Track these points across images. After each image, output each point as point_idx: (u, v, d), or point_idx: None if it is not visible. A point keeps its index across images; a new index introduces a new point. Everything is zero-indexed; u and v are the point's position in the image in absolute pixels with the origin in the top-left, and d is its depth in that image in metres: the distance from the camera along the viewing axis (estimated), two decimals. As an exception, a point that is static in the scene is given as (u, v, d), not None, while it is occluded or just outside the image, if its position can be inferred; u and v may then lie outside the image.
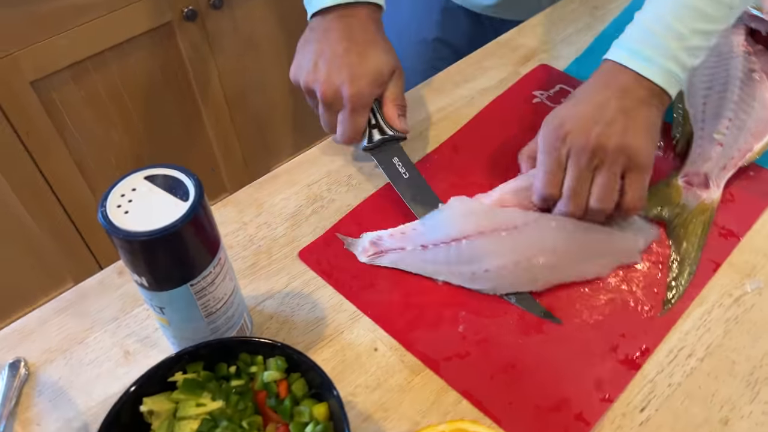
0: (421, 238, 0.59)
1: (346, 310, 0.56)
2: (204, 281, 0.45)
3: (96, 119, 1.30)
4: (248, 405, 0.44)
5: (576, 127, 0.56)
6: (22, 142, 1.21)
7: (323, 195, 0.65)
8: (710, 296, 0.55)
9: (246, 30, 1.42)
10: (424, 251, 0.58)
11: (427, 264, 0.58)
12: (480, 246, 0.57)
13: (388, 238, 0.59)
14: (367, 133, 0.64)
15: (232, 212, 0.64)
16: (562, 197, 0.57)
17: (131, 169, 0.43)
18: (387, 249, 0.58)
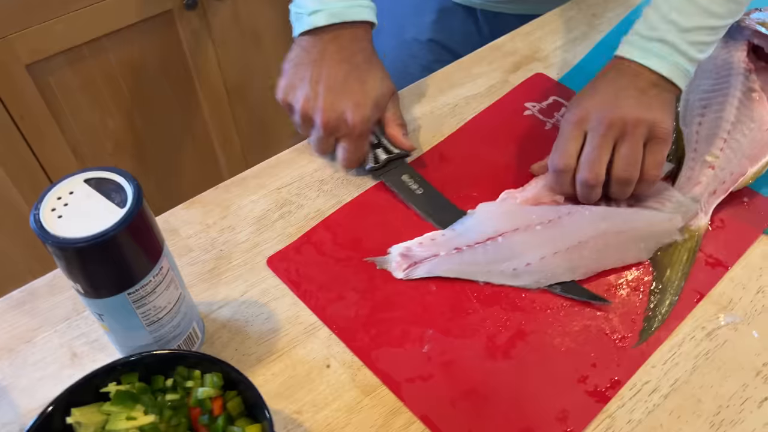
0: (454, 242, 0.57)
1: (303, 323, 0.54)
2: (143, 290, 0.43)
3: (92, 105, 1.29)
4: (182, 421, 0.42)
5: (596, 108, 0.58)
6: (16, 125, 1.21)
7: (292, 200, 0.63)
8: (682, 328, 0.53)
9: (247, 21, 1.40)
10: (460, 254, 0.57)
11: (465, 266, 0.56)
12: (518, 241, 0.57)
13: (417, 247, 0.57)
14: (372, 155, 0.64)
15: (197, 213, 0.62)
16: (580, 166, 0.57)
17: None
18: (420, 258, 0.57)
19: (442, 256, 0.57)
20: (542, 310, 0.54)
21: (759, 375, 0.50)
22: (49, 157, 1.29)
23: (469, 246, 0.57)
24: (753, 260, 0.57)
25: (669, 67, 0.58)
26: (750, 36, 0.72)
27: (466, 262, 0.56)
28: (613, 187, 0.58)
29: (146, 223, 0.42)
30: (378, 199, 0.63)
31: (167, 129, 1.43)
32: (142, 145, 1.42)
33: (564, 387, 0.49)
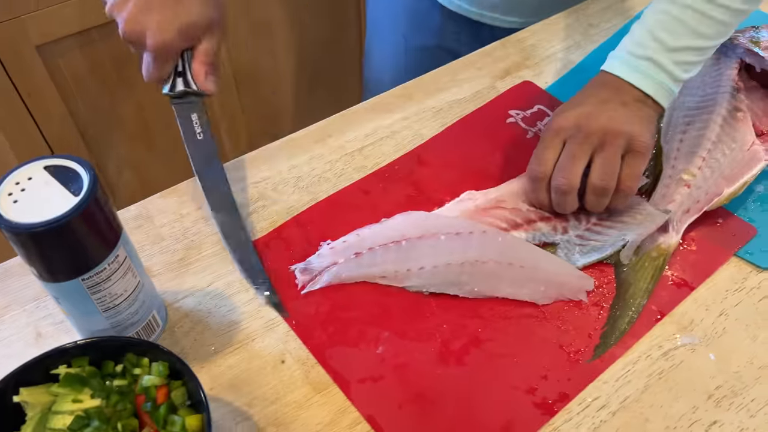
0: (355, 247, 0.58)
1: (263, 317, 0.55)
2: (98, 276, 0.44)
3: (101, 89, 1.31)
4: (127, 406, 0.43)
5: (576, 118, 0.58)
6: (26, 105, 1.23)
7: (267, 194, 0.64)
8: (639, 345, 0.53)
9: (258, 12, 1.41)
10: (358, 258, 0.57)
11: (363, 268, 0.57)
12: (419, 246, 0.57)
13: (316, 259, 0.58)
14: (171, 81, 0.61)
15: (172, 203, 0.63)
16: (555, 172, 0.57)
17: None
18: (319, 269, 0.57)
19: (341, 264, 0.57)
20: (501, 319, 0.54)
21: (711, 398, 0.49)
22: (58, 140, 1.31)
23: (371, 249, 0.57)
24: (720, 282, 0.57)
25: (653, 85, 0.58)
26: (742, 54, 0.71)
27: (365, 265, 0.57)
28: (588, 196, 0.58)
29: (101, 211, 0.43)
30: (353, 198, 0.63)
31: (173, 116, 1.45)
32: (149, 131, 1.44)
33: (512, 397, 0.50)
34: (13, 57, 1.16)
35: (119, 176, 1.47)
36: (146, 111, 1.40)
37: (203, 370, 0.52)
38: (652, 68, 0.58)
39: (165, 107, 1.48)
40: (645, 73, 0.58)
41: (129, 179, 1.49)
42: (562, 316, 0.54)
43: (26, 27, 1.15)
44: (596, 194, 0.57)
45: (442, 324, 0.54)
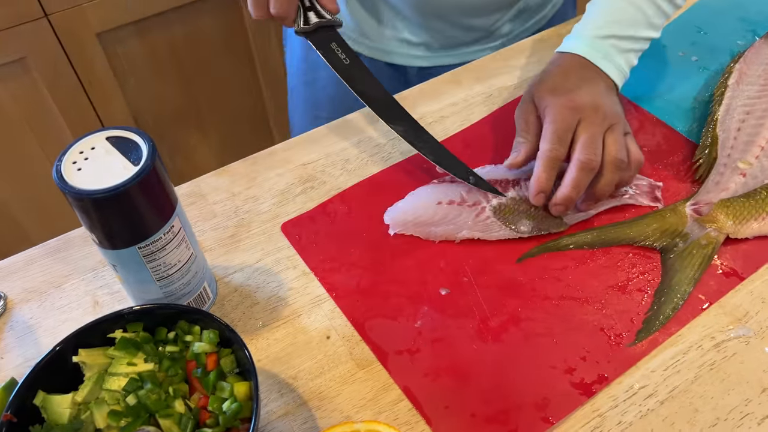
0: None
1: (309, 294, 0.56)
2: (153, 246, 0.46)
3: (156, 76, 1.35)
4: (178, 372, 0.45)
5: (591, 98, 0.59)
6: (85, 90, 1.28)
7: (316, 176, 0.65)
8: (690, 336, 0.51)
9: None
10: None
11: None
12: None
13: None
14: (302, 15, 0.62)
15: (225, 182, 0.65)
16: (580, 148, 0.57)
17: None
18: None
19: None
20: (541, 299, 0.54)
21: (765, 392, 0.48)
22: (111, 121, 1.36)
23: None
24: (778, 275, 0.55)
25: (618, 73, 0.63)
26: (807, 43, 0.68)
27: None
28: (606, 173, 0.57)
29: (159, 182, 0.44)
30: (397, 177, 0.64)
31: (226, 105, 1.48)
32: (200, 118, 1.48)
33: (549, 376, 0.49)
34: (75, 45, 1.21)
35: (172, 162, 1.52)
36: (199, 99, 1.43)
37: (251, 343, 0.53)
38: (612, 52, 0.62)
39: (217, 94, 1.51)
40: (606, 56, 0.62)
41: (181, 165, 1.53)
42: (604, 299, 0.54)
43: (87, 15, 1.19)
44: (616, 167, 0.57)
45: (481, 302, 0.54)
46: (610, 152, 0.57)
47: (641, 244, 0.57)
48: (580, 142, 0.57)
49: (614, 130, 0.58)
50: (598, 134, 0.57)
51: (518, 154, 0.60)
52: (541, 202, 0.58)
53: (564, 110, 0.58)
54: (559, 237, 0.58)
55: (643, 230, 0.58)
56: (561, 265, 0.56)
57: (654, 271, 0.56)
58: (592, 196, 0.58)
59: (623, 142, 0.58)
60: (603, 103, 0.59)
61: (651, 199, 0.60)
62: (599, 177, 0.57)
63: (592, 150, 0.56)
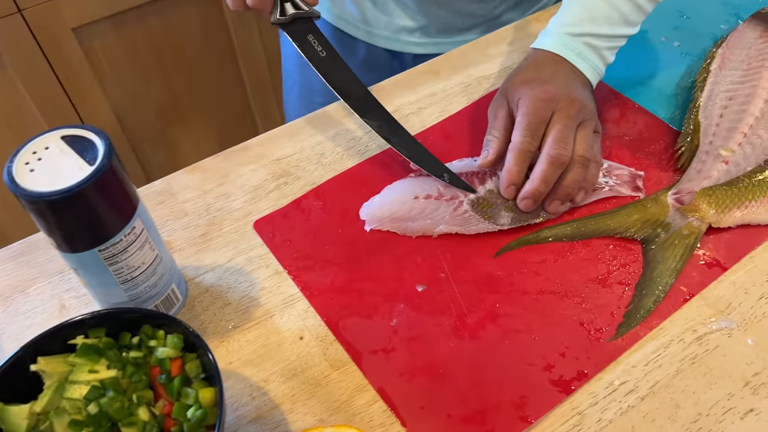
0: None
1: (282, 293, 0.54)
2: (114, 248, 0.44)
3: (135, 71, 1.33)
4: (142, 378, 0.43)
5: (566, 91, 0.57)
6: (63, 86, 1.25)
7: (290, 171, 0.63)
8: (672, 329, 0.50)
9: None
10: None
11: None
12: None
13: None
14: (279, 6, 0.61)
15: (196, 179, 0.63)
16: (551, 142, 0.55)
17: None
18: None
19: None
20: (520, 294, 0.52)
21: (747, 385, 0.47)
22: (93, 121, 1.33)
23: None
24: (762, 264, 0.53)
25: (586, 66, 0.61)
26: (791, 25, 0.67)
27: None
28: (576, 167, 0.56)
29: (117, 182, 0.43)
30: (374, 171, 0.62)
31: (208, 98, 1.46)
32: (183, 112, 1.45)
33: (527, 373, 0.48)
34: (50, 41, 1.18)
35: (154, 155, 1.50)
36: (180, 92, 1.41)
37: (222, 345, 0.51)
38: (585, 50, 0.61)
39: (199, 87, 1.49)
40: (580, 54, 0.61)
41: (163, 159, 1.51)
42: (584, 292, 0.52)
43: (61, 10, 1.17)
44: (583, 165, 0.56)
45: (458, 298, 0.52)
46: (579, 149, 0.56)
47: (622, 235, 0.56)
48: (552, 136, 0.55)
49: (585, 126, 0.57)
50: (570, 128, 0.56)
51: (488, 153, 0.58)
52: (512, 195, 0.56)
53: (537, 101, 0.56)
54: (538, 230, 0.57)
55: (624, 221, 0.57)
56: (540, 258, 0.55)
57: (635, 263, 0.54)
58: (556, 194, 0.56)
59: (592, 141, 0.57)
60: (578, 96, 0.57)
61: (632, 189, 0.59)
62: (564, 174, 0.56)
63: (562, 145, 0.55)
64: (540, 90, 0.57)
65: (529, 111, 0.56)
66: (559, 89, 0.57)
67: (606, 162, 0.61)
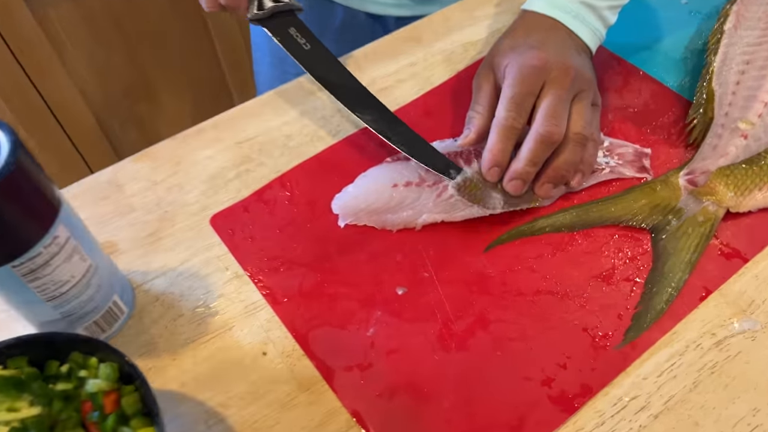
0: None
1: (243, 301, 0.47)
2: (32, 263, 0.37)
3: (96, 42, 1.23)
4: (72, 415, 0.37)
5: (558, 58, 0.50)
6: (18, 60, 1.16)
7: (252, 156, 0.56)
8: (687, 333, 0.44)
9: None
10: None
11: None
12: None
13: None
14: (256, 2, 0.55)
15: (145, 168, 0.56)
16: (541, 119, 0.48)
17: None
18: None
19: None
20: (514, 296, 0.46)
21: (775, 397, 0.41)
22: (55, 98, 1.24)
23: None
24: (786, 254, 0.47)
25: (581, 26, 0.54)
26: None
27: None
28: (570, 146, 0.50)
29: (29, 184, 0.35)
30: (348, 154, 0.55)
31: (179, 72, 1.37)
32: (152, 88, 1.37)
33: (523, 389, 0.42)
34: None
35: (124, 134, 1.41)
36: (148, 67, 1.32)
37: (174, 363, 0.45)
38: (581, 11, 0.53)
39: (169, 61, 1.40)
40: (574, 14, 0.53)
41: (135, 137, 1.43)
42: (587, 292, 0.46)
43: (9, -24, 1.07)
44: (579, 144, 0.49)
45: (443, 302, 0.46)
46: (575, 125, 0.49)
47: (628, 223, 0.49)
48: (542, 110, 0.48)
49: (582, 98, 0.50)
50: (564, 101, 0.49)
51: (469, 131, 0.51)
52: (495, 177, 0.49)
53: (526, 70, 0.49)
54: (533, 219, 0.50)
55: (629, 207, 0.50)
56: (536, 252, 0.48)
57: (644, 255, 0.48)
58: (547, 177, 0.50)
59: (590, 116, 0.50)
60: (573, 64, 0.50)
61: (637, 170, 0.52)
62: (557, 154, 0.49)
63: (554, 120, 0.48)
64: (529, 56, 0.50)
65: (516, 81, 0.49)
66: (551, 56, 0.50)
67: (606, 139, 0.54)
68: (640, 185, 0.51)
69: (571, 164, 0.49)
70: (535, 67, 0.49)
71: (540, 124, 0.48)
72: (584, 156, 0.50)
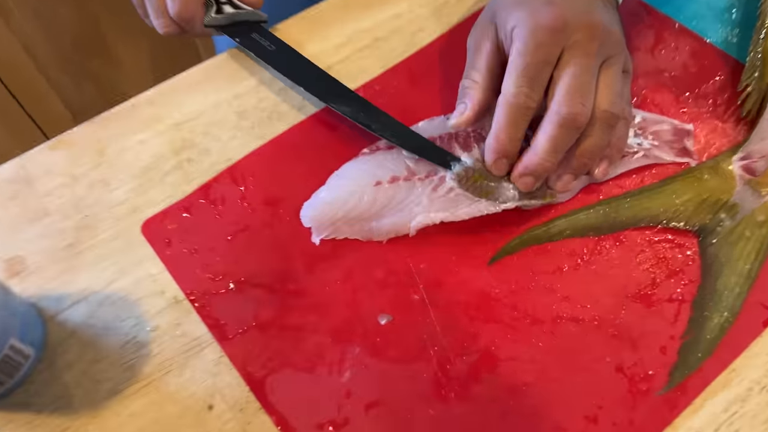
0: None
1: (184, 335, 0.37)
2: None
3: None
4: None
5: (578, 16, 0.38)
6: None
7: (196, 141, 0.45)
8: (749, 371, 0.35)
9: None
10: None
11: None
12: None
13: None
14: (215, 5, 0.48)
15: (61, 159, 0.44)
16: (561, 96, 0.37)
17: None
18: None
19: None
20: (528, 325, 0.36)
21: None
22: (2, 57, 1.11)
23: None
24: None
25: None
26: None
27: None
28: (596, 130, 0.39)
29: None
30: (316, 136, 0.44)
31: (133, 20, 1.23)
32: (105, 41, 1.23)
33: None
34: None
35: (80, 92, 1.28)
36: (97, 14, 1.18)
37: (94, 422, 0.35)
38: None
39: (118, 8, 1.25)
40: None
41: (92, 94, 1.29)
42: (619, 318, 0.36)
43: None
44: (608, 125, 0.38)
45: (439, 335, 0.36)
46: (603, 101, 0.38)
47: (669, 224, 0.39)
48: (564, 84, 0.37)
49: (611, 64, 0.39)
50: (590, 72, 0.38)
51: (465, 106, 0.40)
52: (502, 171, 0.39)
53: (541, 33, 0.38)
54: (549, 221, 0.40)
55: (669, 203, 0.40)
56: (554, 265, 0.38)
57: (690, 267, 0.38)
58: (568, 167, 0.39)
59: (621, 87, 0.39)
60: (600, 21, 0.38)
61: (678, 153, 0.42)
62: (581, 138, 0.38)
63: (579, 98, 0.37)
64: (544, 14, 0.38)
65: (529, 47, 0.38)
66: (571, 13, 0.38)
67: (638, 113, 0.43)
68: (681, 174, 0.41)
69: (598, 149, 0.39)
70: (552, 29, 0.38)
71: (561, 102, 0.37)
72: (613, 139, 0.40)
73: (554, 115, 0.37)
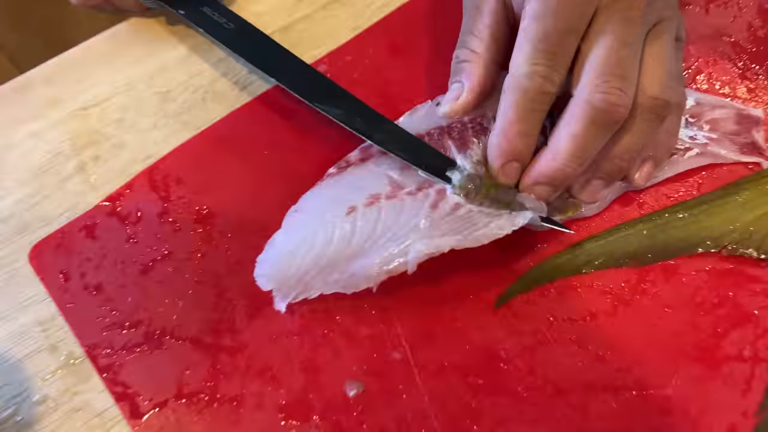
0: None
1: (84, 412, 0.28)
2: None
3: None
4: None
5: None
6: None
7: (106, 132, 0.34)
8: None
9: None
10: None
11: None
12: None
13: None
14: None
15: None
16: (590, 77, 0.28)
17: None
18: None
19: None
20: (549, 396, 0.27)
21: None
22: None
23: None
24: None
25: None
26: None
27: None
28: (640, 122, 0.29)
29: None
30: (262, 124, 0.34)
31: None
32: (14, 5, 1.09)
33: None
34: None
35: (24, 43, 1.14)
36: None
37: None
38: None
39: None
40: None
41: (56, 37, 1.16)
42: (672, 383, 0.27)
43: None
44: (656, 116, 0.29)
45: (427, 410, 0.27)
46: (652, 84, 0.28)
47: (737, 251, 0.29)
48: (596, 62, 0.27)
49: (662, 32, 0.29)
50: (633, 44, 0.28)
51: (461, 86, 0.30)
52: (512, 178, 0.29)
53: None
54: (575, 245, 0.30)
55: (736, 219, 0.30)
56: (582, 308, 0.29)
57: (766, 308, 0.28)
58: (600, 171, 0.29)
59: (673, 64, 0.29)
60: None
61: (744, 150, 0.32)
62: (618, 134, 0.28)
63: (617, 80, 0.27)
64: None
65: (548, 9, 0.27)
66: None
67: (690, 94, 0.33)
68: (750, 178, 0.31)
69: (639, 149, 0.29)
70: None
71: (592, 87, 0.26)
72: (661, 135, 0.29)
73: (582, 104, 0.27)
